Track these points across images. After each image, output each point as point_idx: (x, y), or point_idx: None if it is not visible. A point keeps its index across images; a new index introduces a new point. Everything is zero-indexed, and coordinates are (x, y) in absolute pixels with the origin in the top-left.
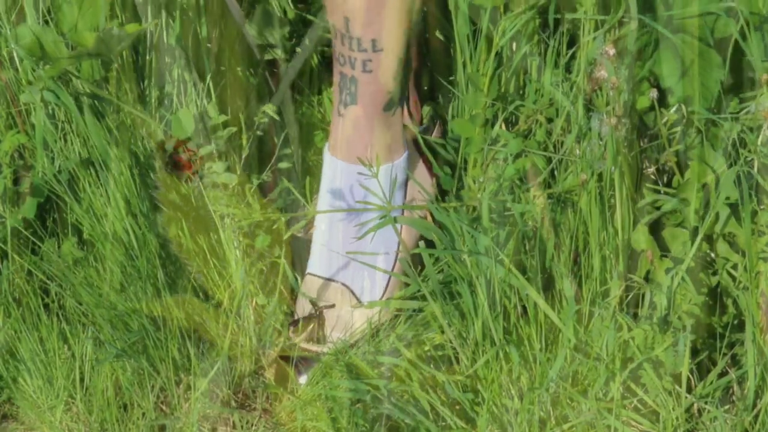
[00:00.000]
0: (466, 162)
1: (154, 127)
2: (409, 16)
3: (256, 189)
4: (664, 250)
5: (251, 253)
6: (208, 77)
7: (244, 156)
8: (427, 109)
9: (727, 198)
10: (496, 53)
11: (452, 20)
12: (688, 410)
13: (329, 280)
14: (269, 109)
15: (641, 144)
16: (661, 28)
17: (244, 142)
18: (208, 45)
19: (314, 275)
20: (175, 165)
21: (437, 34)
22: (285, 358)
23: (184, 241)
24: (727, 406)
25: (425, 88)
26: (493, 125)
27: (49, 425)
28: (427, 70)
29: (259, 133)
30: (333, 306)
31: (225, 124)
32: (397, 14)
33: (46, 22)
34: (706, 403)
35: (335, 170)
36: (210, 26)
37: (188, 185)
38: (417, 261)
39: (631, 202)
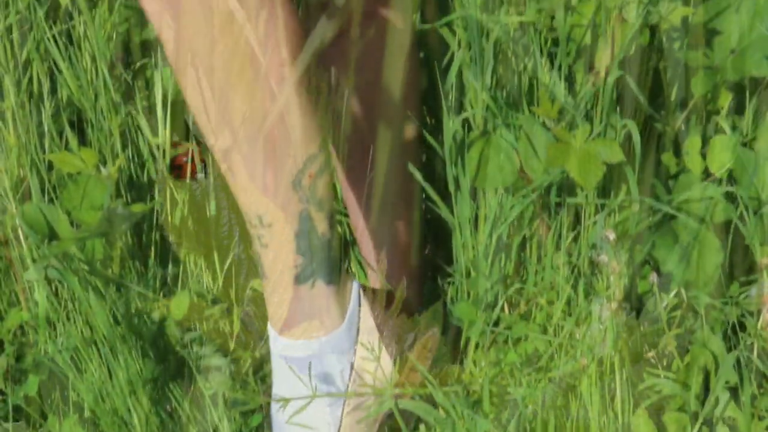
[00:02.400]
0: (467, 342)
1: (160, 306)
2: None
3: (249, 367)
4: None
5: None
6: (215, 256)
7: (236, 332)
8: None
9: (727, 382)
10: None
11: (452, 201)
12: None
13: None
14: (257, 284)
15: (641, 328)
16: (666, 207)
17: (235, 318)
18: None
19: None
20: (176, 169)
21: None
22: None
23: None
24: None
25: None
26: (493, 308)
27: None
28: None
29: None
30: None
31: (215, 300)
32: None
33: (51, 200)
34: None
35: (270, 340)
36: (219, 209)
37: (191, 185)
38: None
39: (631, 386)
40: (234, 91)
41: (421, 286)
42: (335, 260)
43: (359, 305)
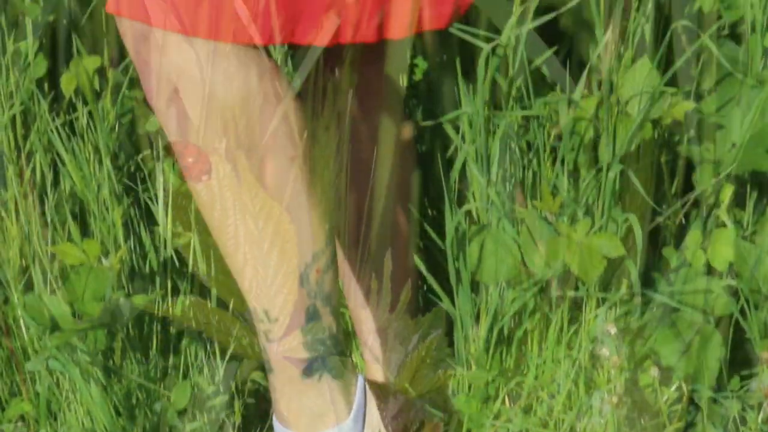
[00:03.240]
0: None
1: (161, 397)
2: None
3: None
4: None
5: None
6: (216, 348)
7: (237, 423)
8: None
9: None
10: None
11: (453, 291)
12: None
13: None
14: (258, 376)
15: (642, 422)
16: (667, 299)
17: (237, 409)
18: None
19: None
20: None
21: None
22: None
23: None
24: None
25: None
26: (494, 401)
27: None
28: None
29: (250, 400)
30: None
31: (216, 392)
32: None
33: (53, 291)
34: None
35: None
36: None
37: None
38: None
39: None
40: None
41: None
42: (341, 354)
43: (365, 399)
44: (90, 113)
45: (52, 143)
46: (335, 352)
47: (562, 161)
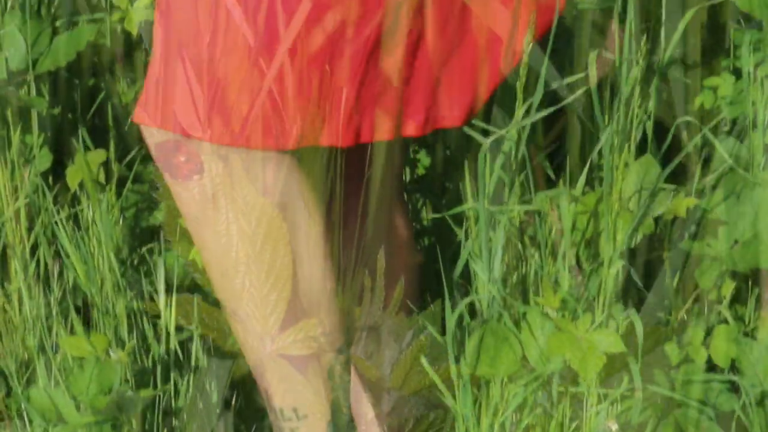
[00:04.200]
0: None
1: None
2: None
3: None
4: None
5: None
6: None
7: None
8: None
9: None
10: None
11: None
12: None
13: None
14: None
15: None
16: (669, 392)
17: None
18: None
19: None
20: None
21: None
22: None
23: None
24: None
25: None
26: None
27: None
28: None
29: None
30: None
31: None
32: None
33: (57, 383)
34: None
35: None
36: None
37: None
38: None
39: None
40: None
41: None
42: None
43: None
44: (93, 206)
45: (57, 236)
46: (330, 349)
47: (564, 256)
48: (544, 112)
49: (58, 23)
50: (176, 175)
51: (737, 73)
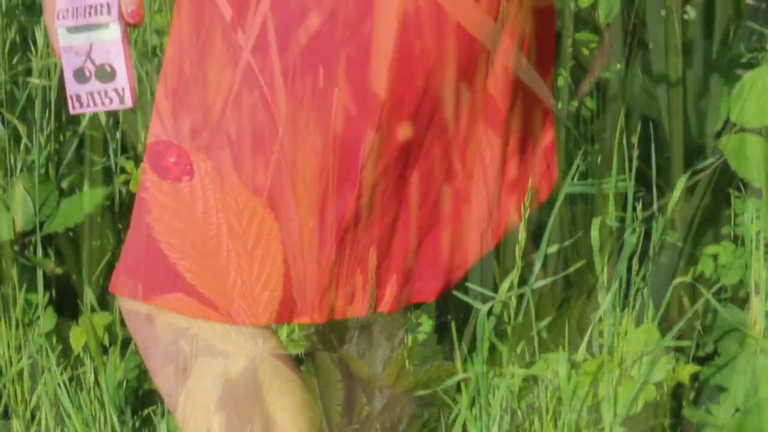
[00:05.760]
0: None
1: None
2: None
3: None
4: None
5: None
6: None
7: None
8: None
9: None
10: None
11: None
12: None
13: None
14: None
15: None
16: None
17: None
18: None
19: None
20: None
21: None
22: None
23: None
24: None
25: None
26: None
27: None
28: None
29: None
30: None
31: None
32: None
33: None
34: None
35: None
36: None
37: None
38: None
39: None
40: None
41: None
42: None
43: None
44: (97, 368)
45: (59, 397)
46: (322, 347)
47: (564, 425)
48: (544, 281)
49: (65, 183)
50: (166, 176)
51: (736, 240)
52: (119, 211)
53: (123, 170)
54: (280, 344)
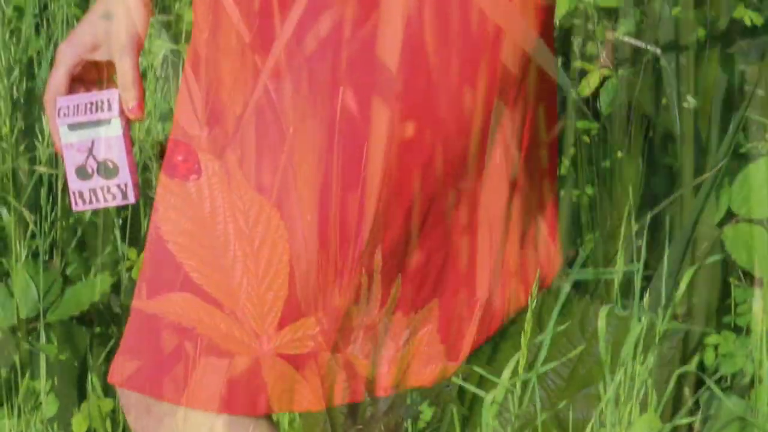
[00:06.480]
0: None
1: None
2: None
3: None
4: None
5: None
6: None
7: None
8: None
9: None
10: None
11: None
12: None
13: None
14: None
15: None
16: None
17: None
18: None
19: None
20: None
21: None
22: None
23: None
24: None
25: None
26: None
27: None
28: None
29: None
30: None
31: None
32: None
33: None
34: None
35: None
36: None
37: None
38: None
39: None
40: None
41: None
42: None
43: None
44: None
45: None
46: (327, 348)
47: None
48: (548, 366)
49: (69, 270)
50: (174, 175)
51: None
52: (123, 296)
53: (126, 257)
54: (285, 344)
